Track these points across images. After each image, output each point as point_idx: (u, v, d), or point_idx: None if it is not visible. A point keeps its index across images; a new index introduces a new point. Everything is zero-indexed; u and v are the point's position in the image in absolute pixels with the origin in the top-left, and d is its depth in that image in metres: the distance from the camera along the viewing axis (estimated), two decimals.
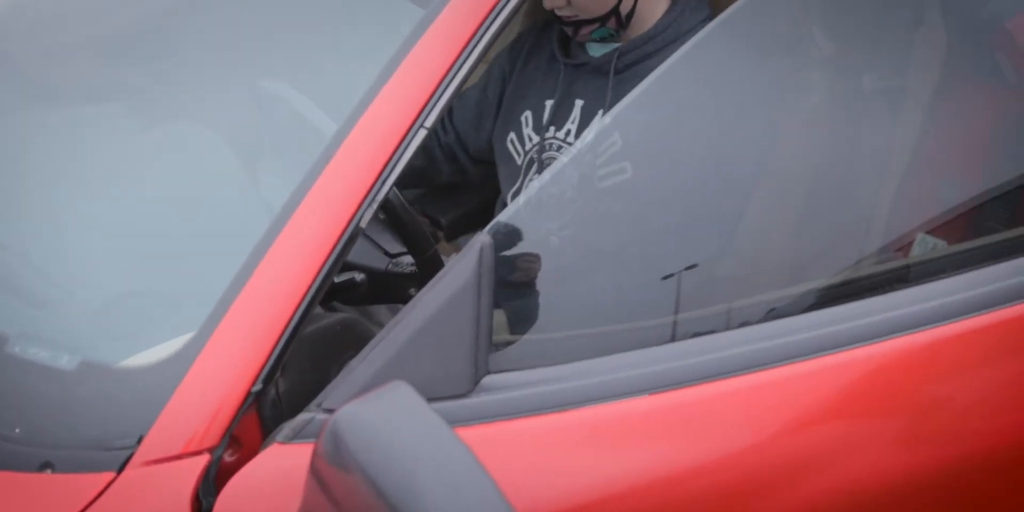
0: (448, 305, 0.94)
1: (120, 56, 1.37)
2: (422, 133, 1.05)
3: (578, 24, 1.61)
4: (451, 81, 1.06)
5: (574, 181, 1.09)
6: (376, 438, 0.79)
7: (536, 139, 1.69)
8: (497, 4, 1.07)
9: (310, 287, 1.01)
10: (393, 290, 1.43)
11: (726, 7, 1.56)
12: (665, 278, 1.08)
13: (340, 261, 1.03)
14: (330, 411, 0.98)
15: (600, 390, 0.98)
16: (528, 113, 1.71)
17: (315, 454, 0.86)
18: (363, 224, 1.04)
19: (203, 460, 0.98)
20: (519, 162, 1.71)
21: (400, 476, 0.76)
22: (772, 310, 1.10)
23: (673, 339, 1.05)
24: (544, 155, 1.68)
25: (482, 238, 0.94)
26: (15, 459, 1.01)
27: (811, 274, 1.17)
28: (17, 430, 1.03)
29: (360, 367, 0.97)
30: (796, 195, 1.33)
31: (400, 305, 1.48)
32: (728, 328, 1.06)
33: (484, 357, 0.96)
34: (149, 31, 1.39)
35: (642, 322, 1.05)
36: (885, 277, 1.16)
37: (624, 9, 1.59)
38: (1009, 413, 1.09)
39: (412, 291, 1.44)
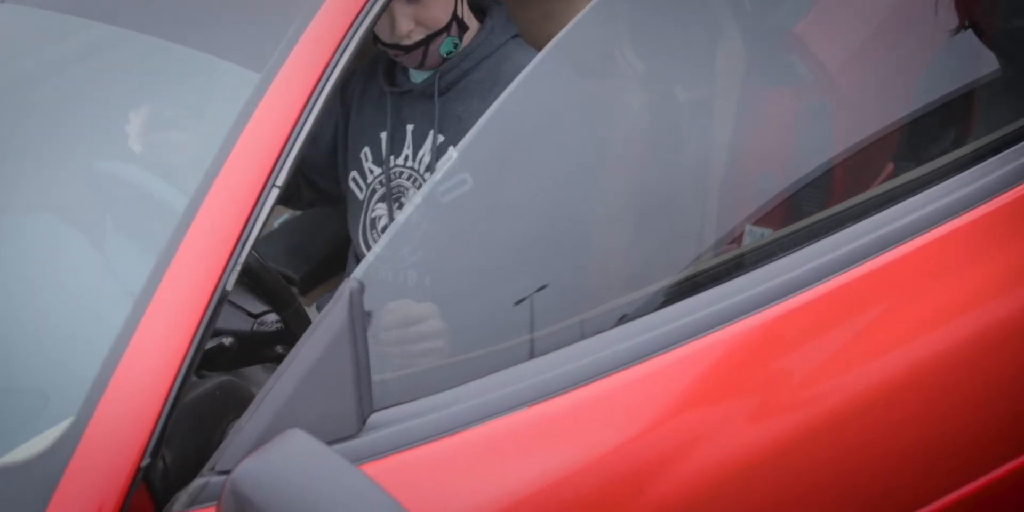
0: (326, 352, 0.97)
1: None
2: (275, 192, 1.08)
3: (427, 42, 1.66)
4: (297, 136, 1.09)
5: (420, 204, 1.13)
6: (280, 487, 0.82)
7: (378, 171, 1.75)
8: (332, 58, 1.11)
9: (184, 357, 1.02)
10: (261, 350, 1.44)
11: (528, 24, 1.66)
12: (518, 301, 1.15)
13: (211, 328, 1.05)
14: (224, 472, 0.99)
15: (481, 410, 1.02)
16: (366, 149, 1.77)
17: None
18: (229, 288, 1.06)
19: None
20: (361, 196, 1.77)
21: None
22: (623, 316, 1.17)
23: (537, 354, 1.10)
24: (394, 183, 1.74)
25: (350, 284, 0.97)
26: None
27: (655, 276, 1.25)
28: None
29: (248, 424, 0.99)
30: (631, 203, 1.42)
31: (271, 363, 1.49)
32: (586, 336, 1.12)
33: (368, 396, 0.99)
34: None
35: (506, 342, 1.11)
36: (723, 268, 1.25)
37: (460, 13, 1.67)
38: (845, 373, 1.20)
39: (279, 349, 1.46)
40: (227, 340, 1.34)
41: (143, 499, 1.03)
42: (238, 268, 1.06)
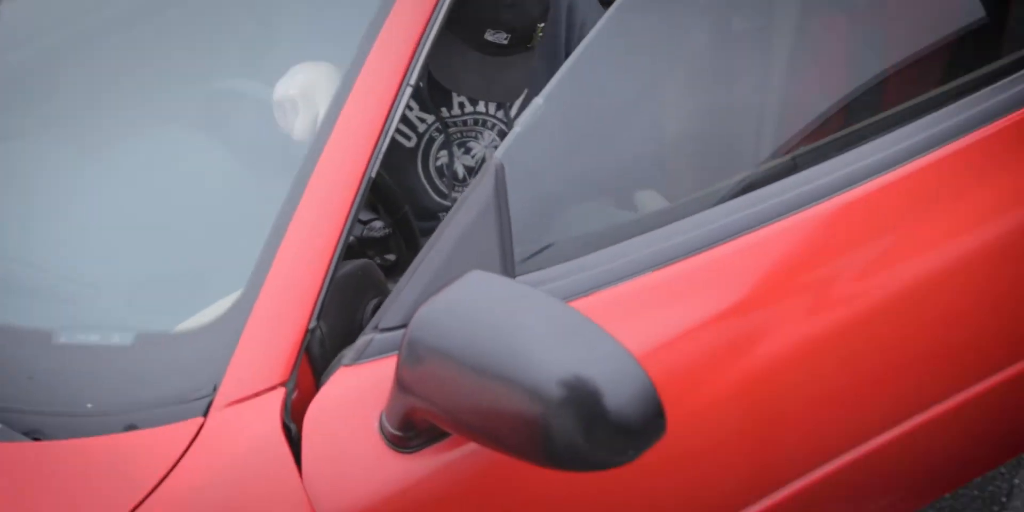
0: (475, 221, 1.10)
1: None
2: (409, 90, 1.21)
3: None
4: (425, 43, 1.22)
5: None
6: (463, 318, 0.92)
7: (431, 120, 1.82)
8: None
9: (340, 234, 1.15)
10: (367, 255, 1.56)
11: None
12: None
13: (359, 210, 1.17)
14: (388, 329, 1.12)
15: (610, 275, 1.16)
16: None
17: (399, 365, 0.97)
18: (373, 175, 1.18)
19: (280, 393, 1.08)
20: (410, 145, 1.83)
21: (499, 341, 0.89)
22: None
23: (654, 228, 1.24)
24: (454, 130, 1.84)
25: (495, 161, 1.10)
26: (96, 427, 1.09)
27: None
28: (89, 405, 1.12)
29: (406, 288, 1.11)
30: (703, 123, 1.56)
31: None
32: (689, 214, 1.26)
33: (511, 262, 1.12)
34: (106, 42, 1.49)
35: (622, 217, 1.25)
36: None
37: None
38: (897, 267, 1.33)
39: (378, 259, 1.58)
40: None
41: (304, 363, 1.15)
42: (380, 157, 1.18)
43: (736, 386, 1.23)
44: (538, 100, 1.13)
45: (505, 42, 1.65)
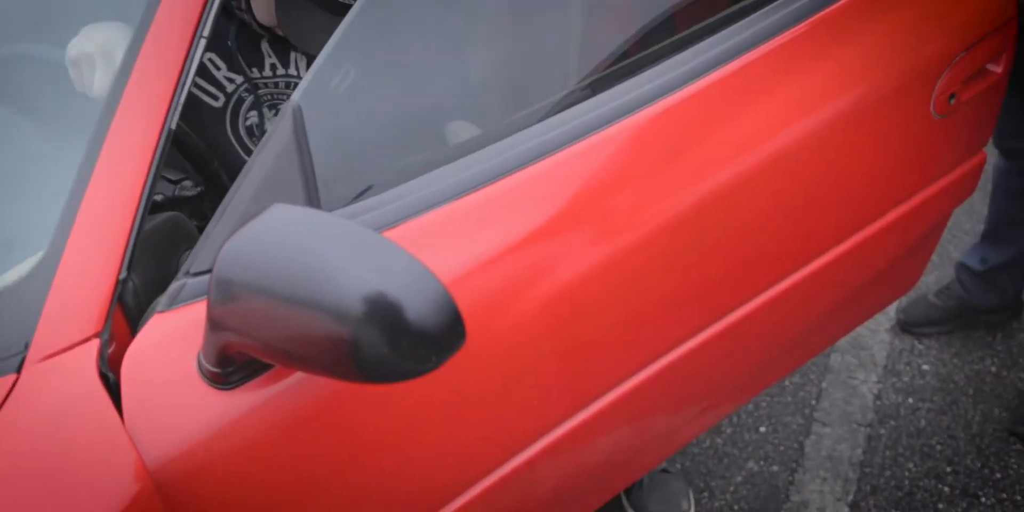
0: (276, 163, 1.13)
1: None
2: (203, 42, 1.21)
3: None
4: None
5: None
6: (269, 251, 0.95)
7: (239, 80, 1.80)
8: None
9: (144, 183, 1.15)
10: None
11: None
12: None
13: (162, 162, 1.18)
14: (199, 273, 1.13)
15: (420, 204, 1.21)
16: (211, 56, 1.78)
17: (209, 306, 0.99)
18: (173, 127, 1.19)
19: (95, 344, 1.09)
20: (217, 104, 1.80)
21: (307, 268, 0.93)
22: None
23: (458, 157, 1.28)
24: (264, 91, 1.84)
25: (292, 104, 1.13)
26: None
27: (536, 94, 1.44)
28: None
29: (215, 230, 1.13)
30: (509, 47, 1.59)
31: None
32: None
33: (316, 200, 1.16)
34: None
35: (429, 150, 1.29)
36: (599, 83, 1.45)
37: None
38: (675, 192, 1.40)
39: (195, 222, 1.58)
40: (158, 197, 1.45)
41: (118, 315, 1.15)
42: (179, 109, 1.19)
43: (543, 307, 1.30)
44: (330, 43, 1.15)
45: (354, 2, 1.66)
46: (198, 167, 1.52)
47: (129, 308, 1.16)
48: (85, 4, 1.50)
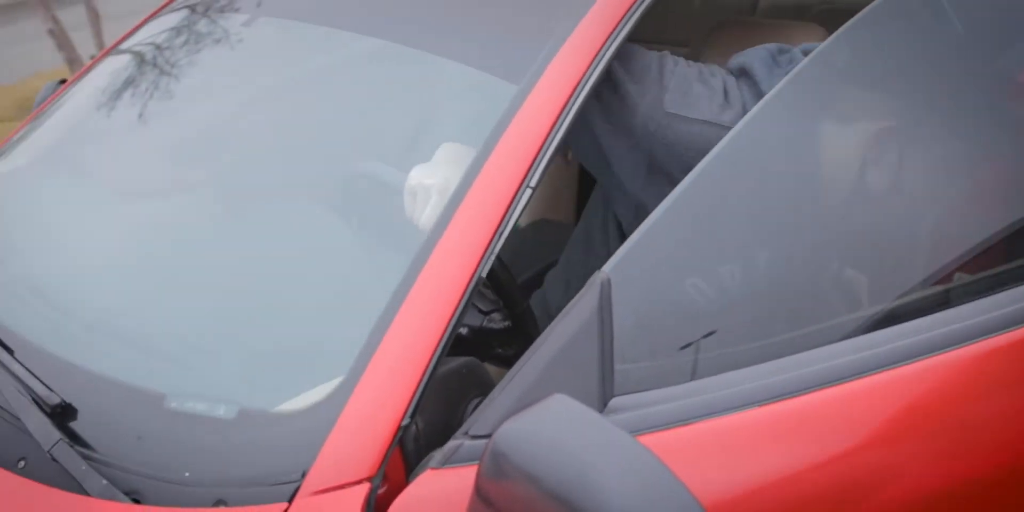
0: (576, 335, 1.08)
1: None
2: (528, 192, 1.21)
3: None
4: (550, 145, 1.22)
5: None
6: (546, 446, 0.91)
7: None
8: (588, 68, 1.24)
9: (444, 331, 1.15)
10: (485, 346, 1.55)
11: None
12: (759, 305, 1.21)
13: (467, 309, 1.17)
14: (477, 437, 1.11)
15: (714, 405, 1.11)
16: None
17: (479, 474, 0.97)
18: (483, 275, 1.18)
19: (364, 488, 1.09)
20: None
21: (578, 475, 0.87)
22: (847, 332, 1.23)
23: (764, 359, 1.18)
24: None
25: (601, 275, 1.08)
26: (189, 498, 1.12)
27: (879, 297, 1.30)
28: (187, 474, 1.15)
29: (500, 397, 1.10)
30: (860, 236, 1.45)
31: (491, 362, 1.60)
32: (809, 348, 1.19)
33: (610, 381, 1.09)
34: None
35: (737, 346, 1.19)
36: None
37: None
38: None
39: (500, 350, 1.56)
40: (463, 329, 1.46)
41: (396, 457, 1.15)
42: (493, 257, 1.18)
43: None
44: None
45: None
46: (508, 304, 1.51)
47: (408, 451, 1.16)
48: (435, 129, 1.54)
